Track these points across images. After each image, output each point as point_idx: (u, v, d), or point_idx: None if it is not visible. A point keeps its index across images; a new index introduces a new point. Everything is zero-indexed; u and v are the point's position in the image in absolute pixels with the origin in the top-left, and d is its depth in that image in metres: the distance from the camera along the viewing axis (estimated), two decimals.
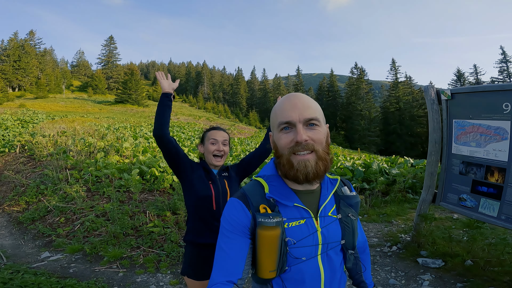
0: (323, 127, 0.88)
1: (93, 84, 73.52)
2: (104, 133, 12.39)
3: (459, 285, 2.58)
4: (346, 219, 0.97)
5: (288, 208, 0.89)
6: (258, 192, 0.91)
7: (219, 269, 0.85)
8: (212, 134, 1.78)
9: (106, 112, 43.10)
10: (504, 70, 49.78)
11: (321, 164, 0.85)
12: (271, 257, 0.86)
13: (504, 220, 2.48)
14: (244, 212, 0.89)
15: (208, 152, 1.75)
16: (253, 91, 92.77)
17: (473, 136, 2.76)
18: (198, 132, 27.38)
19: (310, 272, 0.91)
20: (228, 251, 0.86)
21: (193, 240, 1.71)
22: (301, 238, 0.89)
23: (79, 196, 5.09)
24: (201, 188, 1.69)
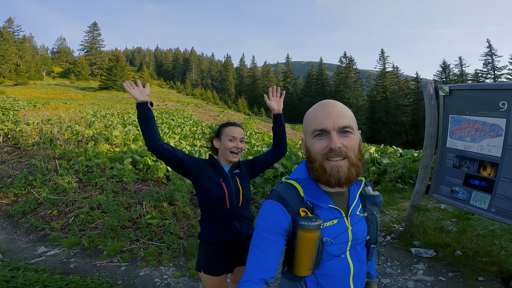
0: (356, 134, 0.92)
1: (75, 71, 70.99)
2: (91, 121, 12.01)
3: (450, 275, 2.73)
4: (371, 217, 1.06)
5: (323, 210, 0.95)
6: (295, 195, 0.95)
7: (253, 267, 0.89)
8: (230, 131, 1.75)
9: (90, 99, 41.74)
10: (489, 63, 51.23)
11: (353, 170, 0.89)
12: (310, 257, 0.91)
13: (494, 213, 2.61)
14: (284, 215, 0.93)
15: (225, 149, 1.73)
16: (242, 78, 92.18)
17: (468, 131, 2.85)
18: (187, 119, 27.02)
19: (341, 267, 0.99)
20: (265, 250, 0.90)
21: (208, 239, 1.72)
22: (335, 237, 0.95)
23: (71, 187, 4.97)
24: (213, 188, 1.67)
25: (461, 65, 55.38)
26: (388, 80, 61.42)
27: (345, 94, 61.70)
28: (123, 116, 19.29)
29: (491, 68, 51.02)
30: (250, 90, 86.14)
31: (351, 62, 65.73)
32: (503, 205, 2.53)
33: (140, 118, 1.57)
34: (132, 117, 19.93)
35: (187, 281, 2.82)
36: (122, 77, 59.05)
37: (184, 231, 3.92)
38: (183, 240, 3.63)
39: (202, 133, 16.66)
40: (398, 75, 63.41)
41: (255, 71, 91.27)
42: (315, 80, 75.73)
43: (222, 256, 1.75)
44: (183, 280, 2.83)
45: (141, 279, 2.82)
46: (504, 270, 2.65)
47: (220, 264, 1.75)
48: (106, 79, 59.19)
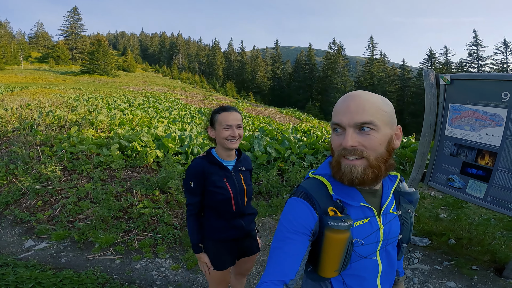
0: (381, 132, 0.80)
1: (54, 55, 68.16)
2: (73, 105, 11.47)
3: (446, 263, 2.80)
4: (405, 215, 0.99)
5: (353, 208, 0.88)
6: (323, 193, 0.89)
7: (273, 268, 0.84)
8: (224, 118, 1.57)
9: (71, 83, 40.09)
10: (474, 52, 52.53)
11: (370, 172, 0.80)
12: (337, 258, 0.85)
13: (490, 202, 2.65)
14: (311, 214, 0.86)
15: (221, 138, 1.58)
16: (230, 62, 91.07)
17: (468, 120, 2.84)
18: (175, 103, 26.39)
19: (369, 268, 0.93)
20: (287, 251, 0.84)
21: (213, 238, 1.66)
22: (365, 237, 0.88)
23: (55, 176, 4.74)
24: (219, 191, 1.59)
25: (447, 54, 56.76)
26: (375, 67, 62.99)
27: (333, 79, 62.76)
28: (108, 100, 18.56)
29: (475, 58, 52.43)
30: (238, 74, 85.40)
31: (340, 49, 66.70)
32: (499, 194, 2.57)
33: (190, 239, 1.66)
34: (117, 101, 19.25)
35: (186, 273, 2.77)
36: (105, 61, 57.34)
37: (178, 220, 3.82)
38: (178, 230, 3.54)
39: (191, 117, 16.32)
40: (385, 62, 64.88)
41: (244, 56, 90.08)
42: (303, 65, 76.10)
43: (228, 251, 1.71)
44: (181, 272, 2.77)
45: (137, 273, 2.73)
46: (497, 259, 2.73)
47: (227, 258, 1.71)
48: (88, 63, 57.20)
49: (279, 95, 75.31)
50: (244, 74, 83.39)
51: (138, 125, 9.07)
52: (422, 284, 2.55)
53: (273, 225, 3.89)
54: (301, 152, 6.54)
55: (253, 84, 79.94)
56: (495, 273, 2.65)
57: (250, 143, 6.67)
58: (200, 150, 6.23)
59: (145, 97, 28.06)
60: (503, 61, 50.36)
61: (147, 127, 8.86)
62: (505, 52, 49.99)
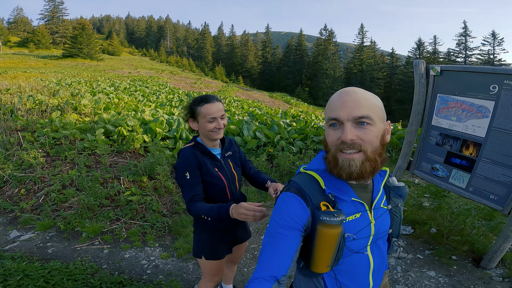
0: (376, 126, 0.82)
1: (34, 40, 64.98)
2: (55, 89, 11.03)
3: (427, 253, 2.89)
4: (395, 209, 1.01)
5: (345, 203, 0.89)
6: (315, 188, 0.89)
7: (264, 264, 0.85)
8: (208, 111, 1.48)
9: (52, 67, 38.36)
10: (462, 43, 53.42)
11: (368, 165, 0.82)
12: (330, 253, 0.86)
13: (471, 192, 2.74)
14: (303, 209, 0.86)
15: (206, 130, 1.52)
16: (220, 46, 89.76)
17: (455, 111, 2.89)
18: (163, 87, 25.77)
19: (361, 263, 0.95)
20: (278, 246, 0.84)
21: (209, 229, 1.65)
22: (356, 231, 0.90)
23: (38, 162, 4.58)
24: (213, 182, 1.55)
25: (435, 43, 57.51)
26: (365, 54, 63.81)
27: (323, 65, 63.34)
28: (92, 84, 17.91)
29: (463, 48, 53.33)
30: (228, 59, 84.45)
31: (331, 35, 67.40)
32: (481, 185, 2.66)
33: (215, 215, 1.38)
34: (102, 84, 18.61)
35: (176, 261, 2.77)
36: (89, 45, 55.29)
37: (167, 207, 3.80)
38: (167, 217, 3.53)
39: (180, 101, 15.99)
40: (375, 50, 65.69)
41: (234, 40, 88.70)
42: (294, 51, 75.96)
43: (224, 240, 1.72)
44: (171, 261, 2.78)
45: (127, 262, 2.72)
46: (475, 250, 2.81)
47: (223, 248, 1.72)
48: (70, 47, 55.05)
49: (268, 79, 75.27)
50: (234, 58, 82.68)
51: (124, 109, 8.83)
52: (404, 272, 2.64)
53: None
54: (291, 137, 6.57)
55: (243, 68, 79.33)
56: (473, 263, 2.71)
57: (239, 127, 6.63)
58: (189, 135, 6.13)
59: (131, 80, 27.23)
60: (490, 52, 51.44)
61: (133, 111, 8.64)
62: (493, 43, 50.98)
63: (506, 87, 2.41)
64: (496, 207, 2.55)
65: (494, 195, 2.56)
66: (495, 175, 2.54)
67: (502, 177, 2.49)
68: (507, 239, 2.48)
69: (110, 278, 2.39)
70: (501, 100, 2.45)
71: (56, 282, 2.15)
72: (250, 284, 0.83)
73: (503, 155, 2.47)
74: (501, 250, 2.54)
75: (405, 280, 2.54)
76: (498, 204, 2.54)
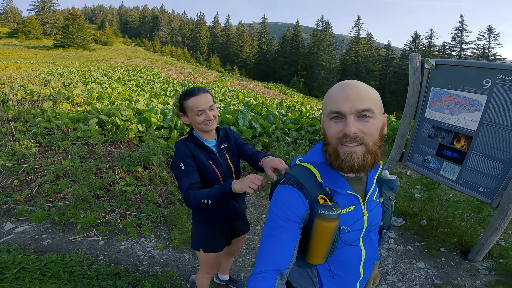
0: (377, 119, 0.83)
1: (25, 30, 63.62)
2: (46, 79, 10.79)
3: (417, 244, 2.94)
4: (387, 202, 1.03)
5: (340, 196, 0.90)
6: (312, 181, 0.89)
7: (266, 257, 0.84)
8: (194, 104, 1.45)
9: (43, 57, 37.54)
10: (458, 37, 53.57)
11: (369, 157, 0.82)
12: (326, 246, 0.88)
13: (461, 184, 2.80)
14: (302, 202, 0.87)
15: (196, 123, 1.50)
16: (215, 37, 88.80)
17: (448, 104, 2.93)
18: (157, 76, 25.42)
19: (353, 254, 0.97)
20: (280, 239, 0.84)
21: (207, 222, 1.65)
22: (350, 224, 0.92)
23: (31, 153, 4.53)
24: (207, 175, 1.53)
25: (431, 37, 57.71)
26: (361, 46, 64.04)
27: (319, 56, 63.36)
28: (84, 74, 17.56)
29: (458, 42, 53.51)
30: (224, 49, 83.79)
31: (327, 26, 67.07)
32: (470, 177, 2.72)
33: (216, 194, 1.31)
34: (95, 74, 18.27)
35: (172, 252, 2.80)
36: (81, 35, 54.42)
37: (162, 198, 3.81)
38: (163, 208, 3.54)
39: (174, 91, 15.80)
40: (371, 42, 65.75)
41: (230, 30, 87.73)
42: (290, 41, 75.65)
43: (223, 233, 1.72)
44: (167, 252, 2.80)
45: (123, 253, 2.73)
46: (463, 242, 2.86)
47: (222, 240, 1.72)
48: (62, 37, 54.09)
49: (264, 69, 75.18)
50: (230, 49, 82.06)
51: (117, 99, 8.70)
52: (395, 264, 2.69)
53: (258, 203, 3.96)
54: (286, 128, 6.59)
55: (238, 58, 78.80)
56: (461, 255, 2.76)
57: (235, 117, 6.62)
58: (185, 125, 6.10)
59: (125, 70, 26.77)
60: (485, 47, 51.65)
61: (127, 100, 8.52)
62: (488, 38, 51.14)
63: (499, 82, 2.44)
64: (485, 200, 2.61)
65: (483, 188, 2.63)
66: (485, 168, 2.59)
67: (491, 170, 2.55)
68: (494, 232, 2.53)
69: (107, 270, 2.40)
70: (493, 94, 2.49)
71: (53, 274, 2.16)
72: (253, 280, 0.82)
73: (494, 148, 2.52)
74: (488, 243, 2.59)
75: (396, 272, 2.59)
76: (487, 197, 2.60)
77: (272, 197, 0.93)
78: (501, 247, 2.84)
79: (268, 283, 0.80)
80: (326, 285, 1.01)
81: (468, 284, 2.41)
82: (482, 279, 2.48)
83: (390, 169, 3.66)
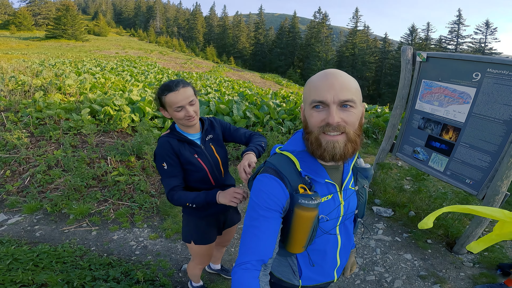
0: (358, 108, 0.84)
1: (16, 22, 62.33)
2: (38, 70, 10.61)
3: (405, 235, 2.98)
4: (361, 190, 1.05)
5: (319, 185, 0.91)
6: (292, 169, 0.89)
7: (250, 248, 0.84)
8: (172, 100, 1.36)
9: (35, 48, 36.82)
10: (455, 30, 53.50)
11: (350, 146, 0.83)
12: (305, 235, 0.90)
13: (449, 176, 2.86)
14: (283, 191, 0.87)
15: (177, 119, 1.44)
16: (212, 27, 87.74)
17: (438, 96, 2.96)
18: (151, 66, 25.08)
19: (330, 242, 1.01)
20: (262, 229, 0.85)
21: (197, 215, 1.65)
22: (328, 213, 0.93)
23: (22, 143, 4.49)
24: (193, 169, 1.50)
25: (428, 30, 57.71)
26: (358, 38, 64.26)
27: (316, 47, 63.22)
28: (77, 65, 17.26)
29: (455, 36, 53.50)
30: (220, 39, 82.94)
31: (325, 18, 66.99)
32: (458, 169, 2.77)
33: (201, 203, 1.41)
34: (88, 65, 17.96)
35: (164, 242, 2.83)
36: (74, 26, 53.47)
37: (155, 188, 3.82)
38: (155, 198, 3.56)
39: None
40: (368, 34, 65.69)
41: (226, 21, 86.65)
42: (287, 33, 75.09)
43: (213, 224, 1.72)
44: (160, 242, 2.83)
45: (115, 243, 2.75)
46: (449, 234, 2.89)
47: (212, 232, 1.72)
48: (54, 28, 53.15)
49: (260, 60, 74.87)
50: (226, 39, 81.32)
51: (111, 89, 8.61)
52: (383, 255, 2.74)
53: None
54: (280, 118, 6.61)
55: (234, 49, 78.09)
56: (447, 247, 2.80)
57: (229, 107, 6.62)
58: None
59: (119, 60, 26.36)
60: (482, 41, 51.67)
61: (121, 91, 8.43)
62: (485, 32, 51.11)
63: (488, 75, 2.46)
64: (471, 192, 2.66)
65: (470, 179, 2.68)
66: (472, 159, 2.64)
67: (478, 161, 2.60)
68: (479, 224, 2.58)
69: (99, 260, 2.42)
70: (482, 87, 2.52)
71: (45, 265, 2.17)
72: (238, 271, 0.82)
73: (481, 140, 2.57)
74: (473, 235, 2.63)
75: (383, 262, 2.64)
76: (473, 189, 2.66)
77: (252, 186, 0.93)
78: None
79: (252, 274, 0.81)
80: (306, 273, 1.04)
81: (452, 276, 2.45)
82: (466, 271, 2.51)
83: (381, 160, 3.72)
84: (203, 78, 22.04)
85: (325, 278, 1.09)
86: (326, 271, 1.06)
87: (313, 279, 1.07)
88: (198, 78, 20.81)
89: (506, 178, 2.39)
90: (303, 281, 1.06)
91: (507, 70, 2.34)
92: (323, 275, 1.07)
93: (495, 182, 2.44)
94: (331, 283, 1.16)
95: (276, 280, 1.11)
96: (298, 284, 1.07)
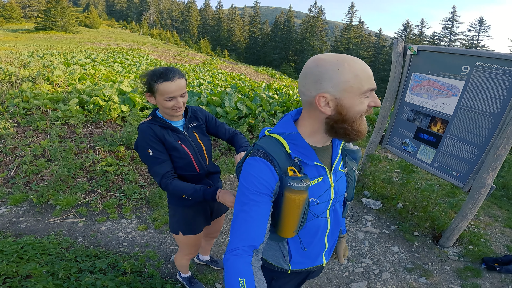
0: None
1: (5, 14, 60.70)
2: (26, 61, 10.36)
3: (393, 228, 2.99)
4: (350, 173, 1.05)
5: (308, 167, 0.89)
6: (281, 152, 0.88)
7: (241, 233, 0.82)
8: (166, 89, 1.34)
9: (24, 40, 35.84)
10: (448, 27, 53.90)
11: None
12: (296, 219, 0.89)
13: (436, 168, 2.89)
14: (272, 174, 0.85)
15: (163, 108, 1.40)
16: (206, 20, 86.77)
17: (427, 89, 2.97)
18: (144, 58, 24.68)
19: (321, 225, 1.00)
20: (252, 214, 0.83)
21: (183, 204, 1.63)
22: (319, 195, 0.92)
23: (8, 133, 4.39)
24: (177, 155, 1.47)
25: (422, 26, 58.07)
26: (352, 33, 64.31)
27: (310, 42, 63.49)
28: (66, 56, 16.87)
29: (448, 33, 53.94)
30: (214, 32, 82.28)
31: (320, 12, 67.35)
32: (445, 161, 2.80)
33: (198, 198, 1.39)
34: (77, 56, 17.57)
35: (153, 233, 2.80)
36: (64, 17, 51.94)
37: (144, 178, 3.77)
38: (144, 188, 3.51)
39: None
40: (363, 30, 65.79)
41: (221, 14, 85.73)
42: (282, 26, 74.91)
43: (200, 213, 1.70)
44: (148, 233, 2.80)
45: (103, 235, 2.71)
46: (436, 227, 2.90)
47: (200, 221, 1.71)
48: (43, 20, 51.60)
49: (255, 53, 74.75)
50: (220, 32, 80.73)
51: (101, 80, 8.45)
52: (371, 247, 2.75)
53: (234, 179, 3.97)
54: (272, 110, 6.59)
55: (229, 42, 77.65)
56: (433, 240, 2.80)
57: (221, 99, 6.57)
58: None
59: (110, 52, 25.86)
60: (474, 38, 52.21)
61: (111, 82, 8.29)
62: (478, 29, 51.61)
63: (477, 68, 2.48)
64: (457, 184, 2.69)
65: (457, 172, 2.71)
66: (459, 151, 2.67)
67: (465, 153, 2.63)
68: (465, 217, 2.59)
69: (85, 251, 2.39)
70: (471, 80, 2.53)
71: (30, 257, 2.13)
72: (230, 257, 0.80)
73: (468, 133, 2.60)
74: (458, 228, 2.65)
75: (371, 255, 2.65)
76: (459, 181, 2.69)
77: (241, 171, 0.90)
78: (471, 233, 2.89)
79: (245, 260, 0.79)
80: (295, 258, 1.04)
81: (437, 270, 2.46)
82: (451, 265, 2.51)
83: (371, 152, 3.74)
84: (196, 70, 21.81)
85: (314, 262, 1.08)
86: (314, 255, 1.06)
87: (302, 263, 1.07)
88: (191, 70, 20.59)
89: (492, 171, 2.41)
90: (293, 265, 1.06)
91: (495, 63, 2.36)
92: (311, 259, 1.06)
93: (481, 175, 2.46)
94: (320, 268, 1.16)
95: (266, 264, 1.10)
96: (288, 268, 1.07)
